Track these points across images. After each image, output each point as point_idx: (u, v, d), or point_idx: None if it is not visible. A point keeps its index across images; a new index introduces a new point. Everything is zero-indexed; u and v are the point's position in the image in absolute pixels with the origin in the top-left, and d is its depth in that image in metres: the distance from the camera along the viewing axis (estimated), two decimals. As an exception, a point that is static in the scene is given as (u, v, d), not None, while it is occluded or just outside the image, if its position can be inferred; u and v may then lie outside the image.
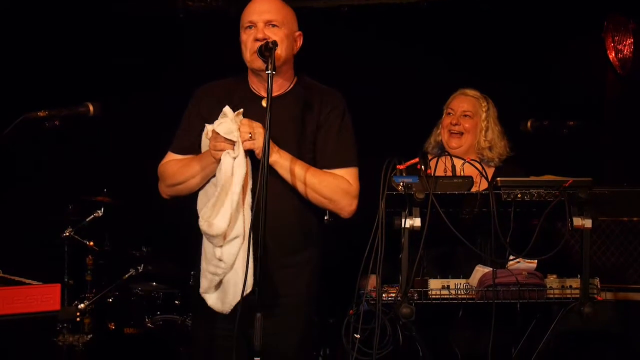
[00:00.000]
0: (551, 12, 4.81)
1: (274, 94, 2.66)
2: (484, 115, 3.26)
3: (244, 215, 2.48)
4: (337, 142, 2.68)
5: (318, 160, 2.68)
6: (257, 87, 2.73)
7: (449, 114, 3.30)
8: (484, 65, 4.81)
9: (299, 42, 2.75)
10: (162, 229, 4.75)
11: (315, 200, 2.62)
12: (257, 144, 2.48)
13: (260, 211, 2.32)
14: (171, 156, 2.77)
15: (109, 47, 5.05)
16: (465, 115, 3.26)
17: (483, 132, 3.25)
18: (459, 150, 3.22)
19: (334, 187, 2.62)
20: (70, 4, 4.86)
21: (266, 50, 2.43)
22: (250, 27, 2.65)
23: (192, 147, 2.73)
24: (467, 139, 3.25)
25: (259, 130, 2.50)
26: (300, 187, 2.59)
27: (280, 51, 2.60)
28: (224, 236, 2.46)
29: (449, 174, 2.93)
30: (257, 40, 2.59)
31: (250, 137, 2.48)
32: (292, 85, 2.76)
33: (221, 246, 2.48)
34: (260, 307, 2.32)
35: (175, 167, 2.71)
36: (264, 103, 2.65)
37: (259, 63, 2.58)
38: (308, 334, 2.71)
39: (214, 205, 2.46)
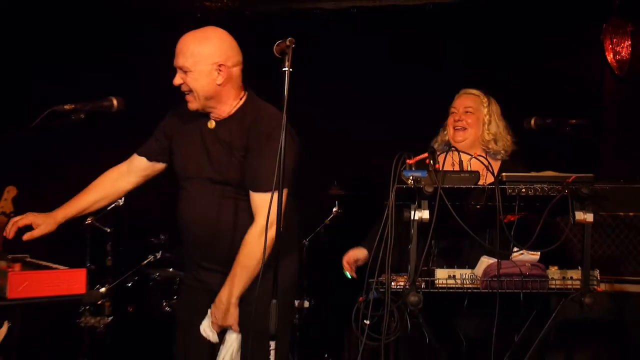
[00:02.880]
0: (553, 17, 4.80)
1: (219, 117, 2.74)
2: (485, 110, 3.26)
3: None
4: (256, 167, 2.65)
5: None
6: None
7: (453, 112, 3.32)
8: (485, 65, 4.79)
9: (225, 71, 2.66)
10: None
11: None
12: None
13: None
14: (132, 157, 2.95)
15: (126, 45, 5.02)
16: (467, 112, 3.27)
17: (486, 125, 3.25)
18: (464, 144, 3.22)
19: (252, 252, 2.61)
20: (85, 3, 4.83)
21: (285, 49, 2.39)
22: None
23: (152, 153, 2.90)
24: (471, 132, 3.25)
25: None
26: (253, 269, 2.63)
27: (200, 92, 2.64)
28: None
29: (456, 168, 2.91)
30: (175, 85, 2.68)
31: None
32: (235, 109, 2.75)
33: None
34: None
35: (99, 179, 2.95)
36: (209, 125, 2.74)
37: (191, 105, 2.69)
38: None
39: None
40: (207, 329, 2.67)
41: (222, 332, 2.69)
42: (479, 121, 3.25)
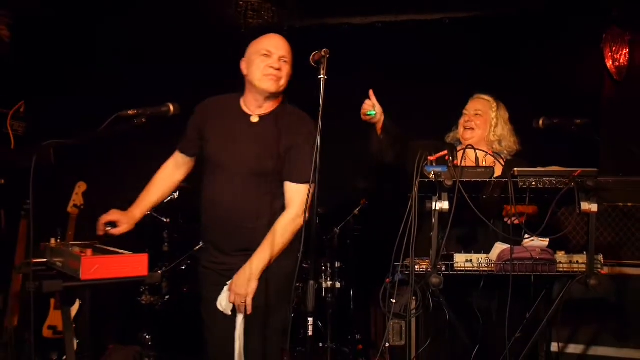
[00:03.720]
0: (558, 28, 4.74)
1: (262, 112, 2.74)
2: (493, 114, 3.21)
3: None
4: (295, 161, 2.66)
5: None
6: (249, 105, 2.77)
7: (465, 114, 3.28)
8: (496, 72, 4.73)
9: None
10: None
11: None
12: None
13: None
14: (175, 154, 2.93)
15: (182, 59, 5.03)
16: (477, 114, 3.23)
17: (492, 127, 3.20)
18: (470, 142, 3.18)
19: (284, 234, 2.63)
20: (143, 22, 4.83)
21: (320, 59, 2.38)
22: (266, 55, 2.69)
23: (189, 149, 2.88)
24: (477, 132, 3.20)
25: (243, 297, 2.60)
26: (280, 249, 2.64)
27: (285, 81, 2.71)
28: None
29: (469, 164, 2.89)
30: (272, 68, 2.67)
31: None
32: (273, 108, 2.76)
33: None
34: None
35: (156, 177, 2.92)
36: (252, 120, 2.73)
37: (266, 85, 2.67)
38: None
39: None
40: (222, 302, 2.63)
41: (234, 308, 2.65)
42: (487, 123, 3.21)
